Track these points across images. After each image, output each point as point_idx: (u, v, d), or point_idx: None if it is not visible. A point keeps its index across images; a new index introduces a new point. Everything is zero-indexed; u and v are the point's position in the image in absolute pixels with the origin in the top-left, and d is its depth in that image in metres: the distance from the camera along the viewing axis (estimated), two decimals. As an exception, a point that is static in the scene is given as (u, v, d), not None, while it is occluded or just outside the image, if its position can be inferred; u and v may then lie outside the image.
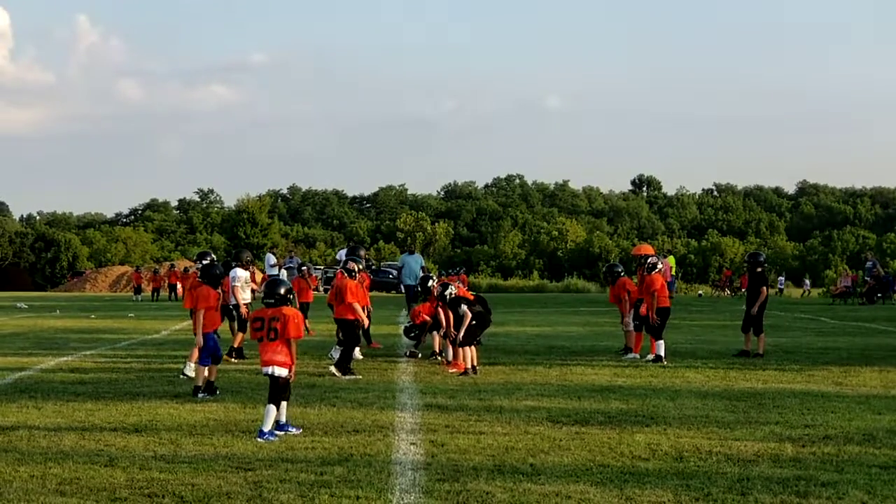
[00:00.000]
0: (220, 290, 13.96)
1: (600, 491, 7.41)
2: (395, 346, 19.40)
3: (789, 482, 7.67)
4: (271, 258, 33.67)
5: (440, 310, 16.03)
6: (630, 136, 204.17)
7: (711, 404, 11.71)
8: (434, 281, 16.95)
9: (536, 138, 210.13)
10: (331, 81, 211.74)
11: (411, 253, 28.80)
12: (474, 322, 15.19)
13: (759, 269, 17.97)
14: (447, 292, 15.57)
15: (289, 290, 10.18)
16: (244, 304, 16.92)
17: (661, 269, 17.38)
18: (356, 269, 15.80)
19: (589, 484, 7.62)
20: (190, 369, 14.27)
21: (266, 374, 9.85)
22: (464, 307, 15.08)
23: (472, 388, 13.25)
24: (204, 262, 15.17)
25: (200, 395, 12.35)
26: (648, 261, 17.11)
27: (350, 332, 14.99)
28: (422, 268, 27.57)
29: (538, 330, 25.00)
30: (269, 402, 9.64)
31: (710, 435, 9.70)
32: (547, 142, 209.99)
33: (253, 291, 17.17)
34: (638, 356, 17.11)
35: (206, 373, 12.60)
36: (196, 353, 13.26)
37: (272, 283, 10.21)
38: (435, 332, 16.97)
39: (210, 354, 12.71)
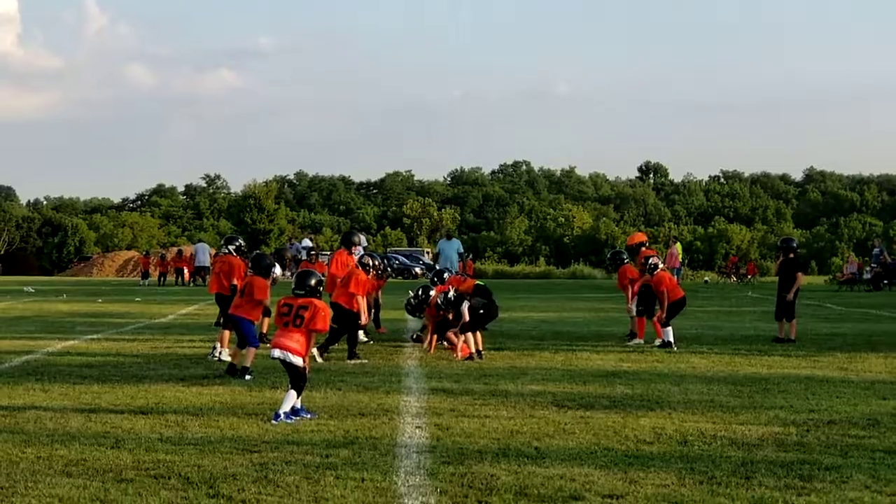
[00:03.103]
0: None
1: (604, 474, 7.43)
2: (401, 331, 19.43)
3: (793, 466, 7.68)
4: (307, 242, 33.80)
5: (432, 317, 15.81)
6: (637, 123, 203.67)
7: (716, 389, 11.73)
8: (433, 291, 16.37)
9: (543, 125, 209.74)
10: (337, 67, 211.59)
11: (449, 238, 28.20)
12: (482, 311, 15.18)
13: (792, 255, 17.98)
14: (449, 296, 15.37)
15: (319, 282, 10.19)
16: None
17: (663, 267, 17.30)
18: (371, 263, 15.68)
19: (593, 467, 7.64)
20: (225, 354, 14.38)
21: (273, 358, 9.87)
22: (464, 307, 15.01)
23: (478, 372, 13.28)
24: (231, 246, 15.27)
25: (248, 377, 12.47)
26: (649, 262, 17.01)
27: (344, 320, 14.93)
28: (459, 254, 27.19)
29: (544, 315, 25.02)
30: (291, 388, 9.69)
31: (715, 419, 9.71)
32: (553, 128, 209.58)
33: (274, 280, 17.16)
34: (643, 342, 17.12)
35: (249, 354, 12.79)
36: (226, 339, 14.42)
37: (303, 275, 10.24)
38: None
39: (253, 338, 13.00)
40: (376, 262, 15.94)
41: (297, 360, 9.75)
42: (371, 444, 8.48)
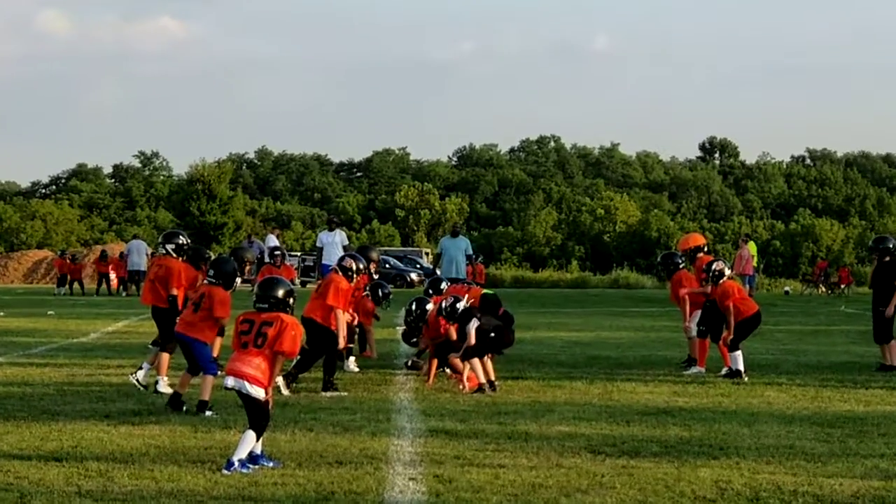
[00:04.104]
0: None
1: (652, 540, 7.44)
2: (392, 355, 19.44)
3: (897, 531, 7.69)
4: (272, 239, 33.99)
5: (448, 328, 15.72)
6: (698, 88, 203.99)
7: (798, 431, 11.75)
8: (431, 304, 16.26)
9: (578, 89, 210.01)
10: (313, 15, 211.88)
11: (454, 235, 28.27)
12: (493, 335, 15.20)
13: (889, 258, 18.02)
14: (458, 306, 15.38)
15: (289, 293, 10.23)
16: None
17: (730, 275, 17.35)
18: (355, 268, 15.65)
19: (638, 531, 7.66)
20: (163, 384, 14.49)
21: (227, 388, 9.89)
22: (471, 327, 15.01)
23: (490, 408, 13.31)
24: (169, 245, 15.26)
25: (209, 413, 12.59)
26: (713, 269, 17.01)
27: (319, 340, 14.89)
28: (468, 256, 27.25)
29: (576, 336, 25.05)
30: (250, 428, 9.70)
31: (796, 470, 9.73)
32: (591, 94, 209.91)
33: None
34: (703, 370, 17.14)
35: (206, 384, 12.90)
36: (164, 364, 14.59)
37: (268, 283, 10.31)
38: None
39: (209, 363, 13.09)
40: (360, 266, 15.97)
41: (258, 392, 9.75)
42: (351, 501, 8.50)
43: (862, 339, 22.68)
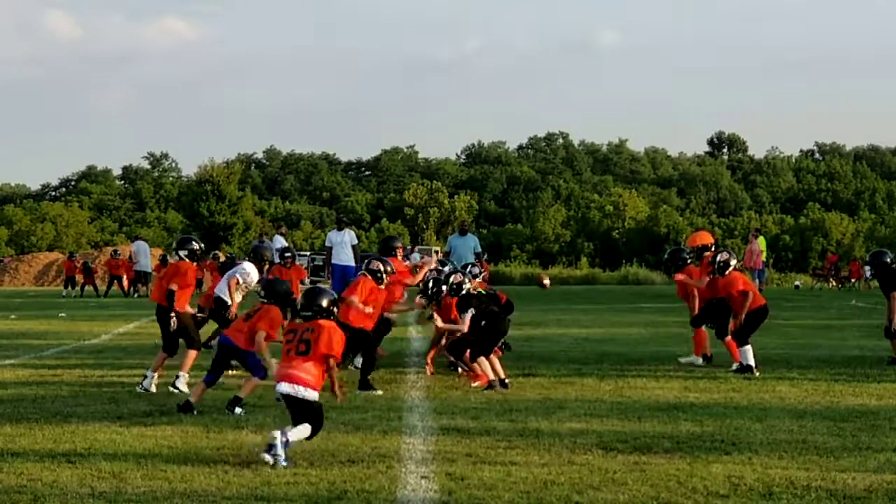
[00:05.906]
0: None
1: (666, 536, 7.43)
2: (403, 353, 19.45)
3: (911, 525, 7.68)
4: (280, 240, 34.16)
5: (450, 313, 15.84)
6: (707, 83, 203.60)
7: (810, 426, 11.73)
8: (442, 285, 16.22)
9: (586, 86, 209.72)
10: (320, 14, 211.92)
11: (463, 233, 28.29)
12: (484, 323, 15.20)
13: (886, 272, 17.97)
14: (464, 288, 15.50)
15: (333, 302, 10.45)
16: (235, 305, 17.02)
17: (735, 266, 17.38)
18: (383, 269, 15.76)
19: (651, 527, 7.65)
20: (181, 382, 14.67)
21: (281, 394, 9.99)
22: (467, 315, 15.07)
23: (501, 406, 13.30)
24: (182, 251, 15.44)
25: (238, 410, 12.70)
26: (718, 259, 17.03)
27: (358, 339, 14.97)
28: (476, 255, 27.31)
29: (587, 332, 25.03)
30: (306, 423, 9.91)
31: (809, 465, 9.72)
32: (600, 90, 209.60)
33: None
34: (699, 359, 17.34)
35: (248, 385, 12.99)
36: (189, 362, 14.86)
37: (312, 293, 10.48)
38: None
39: (259, 368, 13.04)
40: (388, 268, 16.06)
41: (311, 394, 10.01)
42: (364, 500, 8.51)
43: (874, 333, 22.62)
